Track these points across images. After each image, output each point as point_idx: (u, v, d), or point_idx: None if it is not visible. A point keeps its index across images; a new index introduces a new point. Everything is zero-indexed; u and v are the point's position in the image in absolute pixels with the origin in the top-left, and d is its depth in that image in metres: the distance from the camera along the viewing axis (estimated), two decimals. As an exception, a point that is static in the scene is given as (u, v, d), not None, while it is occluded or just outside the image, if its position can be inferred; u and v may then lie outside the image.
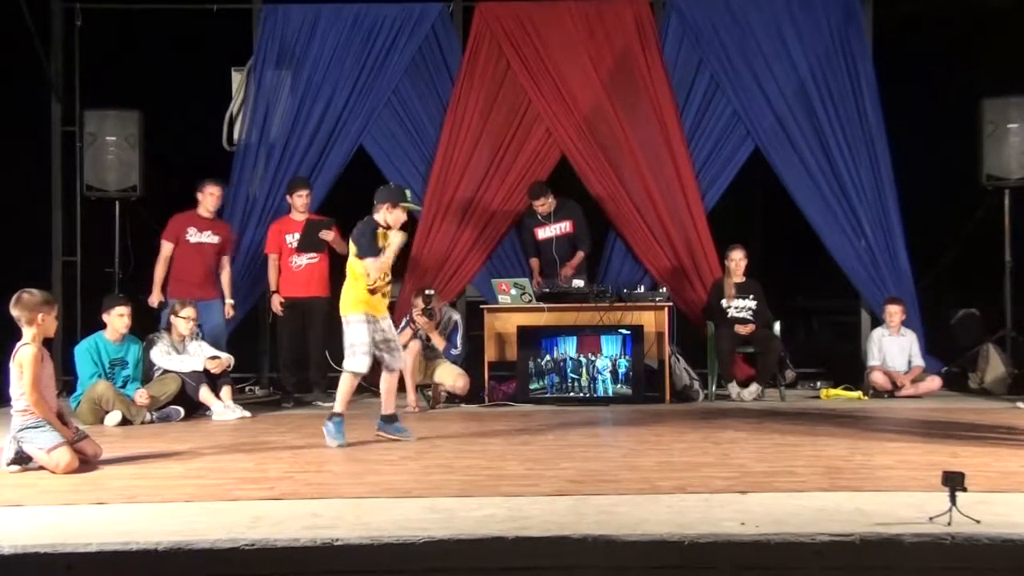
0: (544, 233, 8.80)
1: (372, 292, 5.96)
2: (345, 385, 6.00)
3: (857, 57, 9.07)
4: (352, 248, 6.04)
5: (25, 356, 5.08)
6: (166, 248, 8.09)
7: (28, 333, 5.15)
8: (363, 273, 5.95)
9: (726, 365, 8.34)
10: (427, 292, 7.84)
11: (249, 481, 4.74)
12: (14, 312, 5.16)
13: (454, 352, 7.89)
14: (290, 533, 3.59)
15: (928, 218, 9.11)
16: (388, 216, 6.05)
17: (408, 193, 6.17)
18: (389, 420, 6.15)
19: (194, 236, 8.11)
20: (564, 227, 8.76)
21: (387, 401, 6.16)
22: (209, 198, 8.17)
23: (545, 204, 8.70)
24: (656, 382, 8.14)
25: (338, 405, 6.00)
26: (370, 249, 5.92)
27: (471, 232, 9.15)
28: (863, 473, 4.81)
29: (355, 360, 5.95)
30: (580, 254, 8.75)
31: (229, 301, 8.25)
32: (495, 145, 9.17)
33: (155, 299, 8.00)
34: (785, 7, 9.16)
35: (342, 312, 6.04)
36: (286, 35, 9.23)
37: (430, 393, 7.95)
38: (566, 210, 8.78)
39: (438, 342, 7.84)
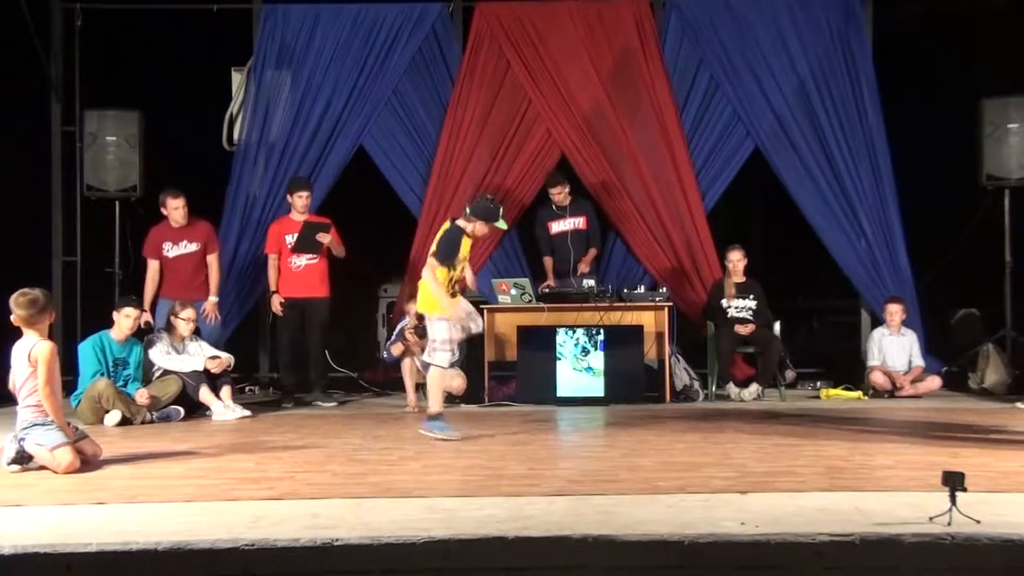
0: (558, 227, 8.78)
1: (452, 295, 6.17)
2: (435, 381, 6.14)
3: (857, 57, 9.07)
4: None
5: (43, 352, 5.07)
6: (152, 266, 8.05)
7: (32, 333, 5.13)
8: (439, 273, 6.11)
9: (726, 365, 8.34)
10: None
11: (249, 481, 4.74)
12: (23, 312, 5.10)
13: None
14: (290, 533, 3.59)
15: (928, 218, 9.11)
16: (477, 227, 6.26)
17: (500, 211, 6.41)
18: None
19: (171, 251, 8.05)
20: (578, 222, 8.75)
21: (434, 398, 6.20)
22: (173, 213, 8.05)
23: (561, 193, 8.70)
24: (656, 382, 8.14)
25: (434, 405, 6.12)
26: (447, 254, 6.13)
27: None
28: (863, 473, 4.81)
29: (436, 356, 6.11)
30: (593, 251, 8.77)
31: (213, 299, 8.11)
32: (495, 145, 9.18)
33: (145, 317, 7.94)
34: (785, 7, 9.17)
35: (424, 310, 6.25)
36: (286, 35, 9.23)
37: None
38: (581, 206, 8.80)
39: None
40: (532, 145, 9.17)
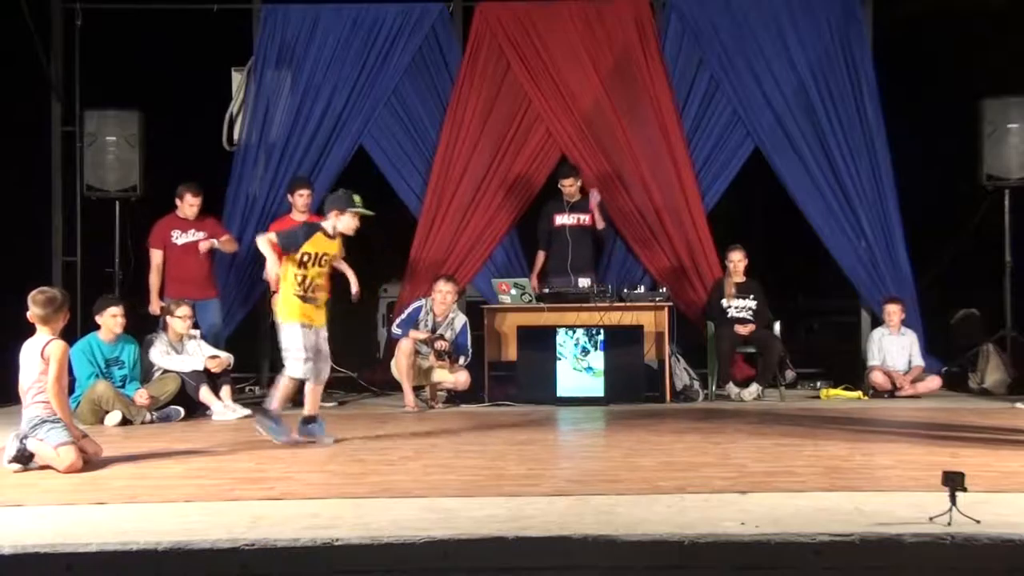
0: (561, 220, 8.72)
1: (303, 299, 5.89)
2: (282, 386, 5.91)
3: (857, 57, 9.07)
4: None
5: (56, 350, 5.09)
6: (156, 256, 8.07)
7: (46, 331, 5.16)
8: (291, 276, 5.87)
9: (726, 365, 8.34)
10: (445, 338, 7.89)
11: (249, 481, 4.74)
12: (40, 310, 5.14)
13: (463, 360, 7.92)
14: (290, 533, 3.59)
15: (928, 218, 9.11)
16: (337, 222, 5.97)
17: (357, 199, 6.03)
18: (307, 421, 6.00)
19: (180, 238, 8.08)
20: (584, 218, 8.71)
21: (310, 404, 6.00)
22: (188, 208, 8.08)
23: (573, 186, 8.68)
24: (656, 382, 8.14)
25: (274, 402, 5.93)
26: (289, 241, 5.85)
27: (471, 232, 9.14)
28: (863, 473, 4.81)
29: (292, 365, 5.86)
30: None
31: (225, 237, 8.20)
32: (495, 145, 9.18)
33: (155, 307, 7.97)
34: (785, 7, 9.17)
35: (277, 317, 6.00)
36: (286, 35, 9.23)
37: (425, 394, 7.95)
38: (586, 206, 8.78)
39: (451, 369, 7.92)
40: (532, 145, 9.18)
